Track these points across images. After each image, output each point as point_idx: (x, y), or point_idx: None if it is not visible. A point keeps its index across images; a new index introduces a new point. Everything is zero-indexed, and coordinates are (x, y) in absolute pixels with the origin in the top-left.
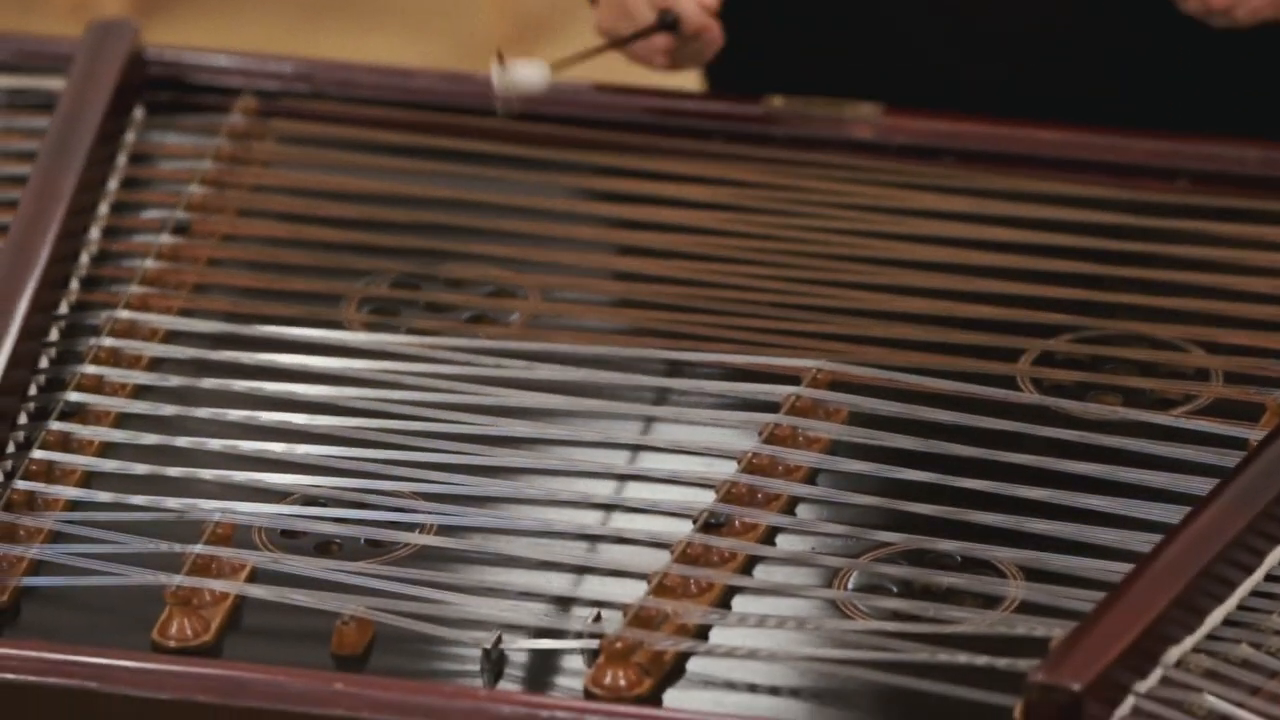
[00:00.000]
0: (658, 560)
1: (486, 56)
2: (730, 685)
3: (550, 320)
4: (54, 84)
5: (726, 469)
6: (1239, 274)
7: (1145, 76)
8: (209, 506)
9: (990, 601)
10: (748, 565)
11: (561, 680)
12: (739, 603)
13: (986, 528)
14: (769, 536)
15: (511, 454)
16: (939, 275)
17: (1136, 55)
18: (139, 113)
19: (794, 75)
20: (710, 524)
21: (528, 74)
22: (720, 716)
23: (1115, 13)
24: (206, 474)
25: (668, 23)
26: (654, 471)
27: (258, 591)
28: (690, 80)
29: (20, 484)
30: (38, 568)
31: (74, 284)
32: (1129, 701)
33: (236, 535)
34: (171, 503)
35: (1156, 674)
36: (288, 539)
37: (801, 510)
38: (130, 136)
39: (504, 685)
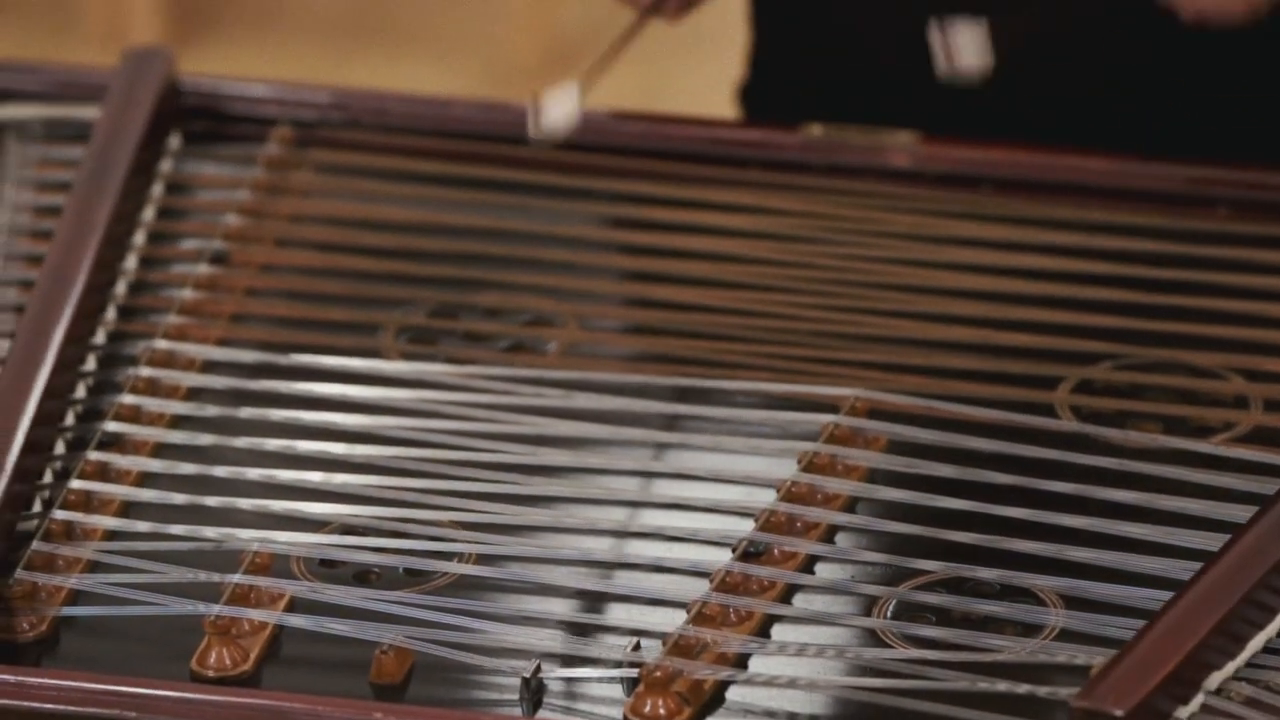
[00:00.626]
0: (697, 588)
1: (519, 83)
2: (770, 714)
3: (588, 349)
4: (89, 113)
5: (765, 497)
6: (1278, 301)
7: (1145, 96)
8: (247, 536)
9: (1030, 629)
10: (787, 594)
11: (601, 709)
12: (778, 631)
13: (1026, 556)
14: (808, 565)
15: (550, 483)
16: (977, 303)
17: (1135, 76)
18: (175, 142)
19: (829, 104)
20: (749, 552)
21: (559, 112)
22: None
23: (1113, 33)
24: (244, 503)
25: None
26: (693, 500)
27: (296, 621)
28: (726, 109)
29: (59, 514)
30: (76, 597)
31: (111, 314)
32: None
33: (275, 565)
34: (210, 532)
35: (1198, 700)
36: (326, 568)
37: (840, 539)
38: (166, 166)
39: (543, 714)
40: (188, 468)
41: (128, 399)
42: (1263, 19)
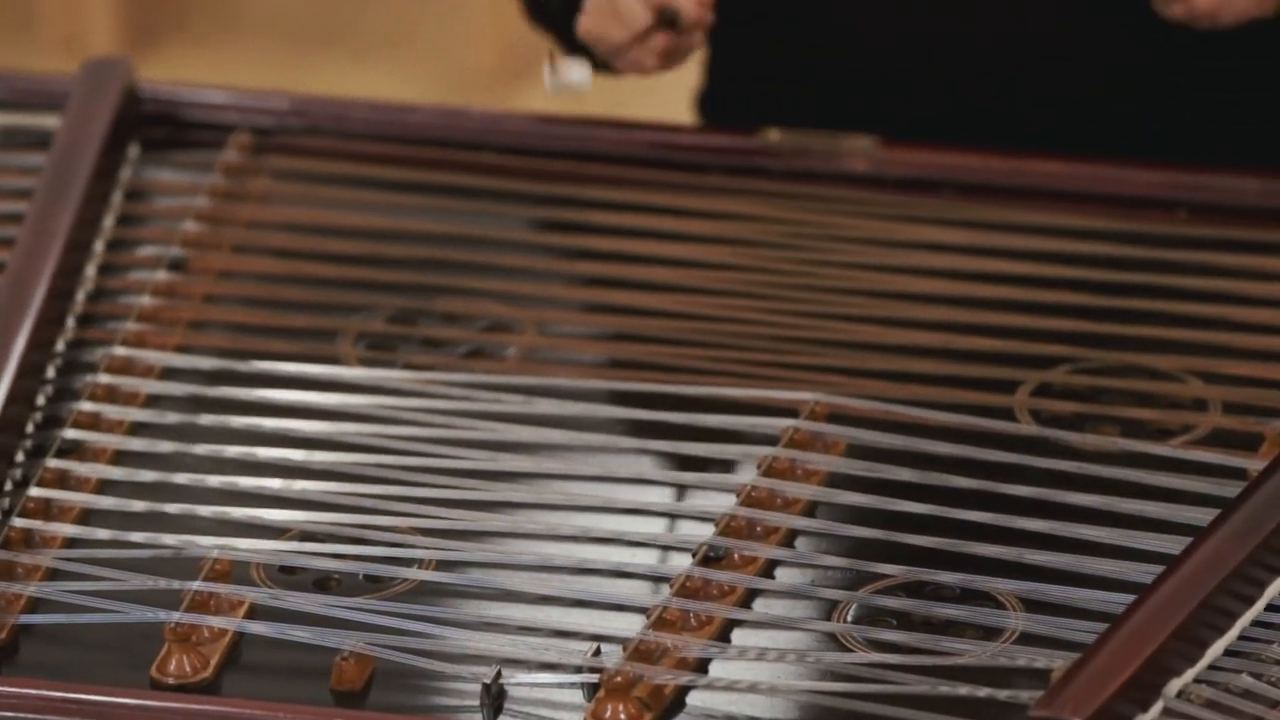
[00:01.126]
0: (657, 594)
1: (478, 89)
2: (730, 719)
3: (547, 354)
4: (49, 121)
5: (725, 502)
6: (1237, 305)
7: (1143, 96)
8: (207, 543)
9: (990, 633)
10: (747, 598)
11: (561, 715)
12: (739, 636)
13: (986, 559)
14: (768, 569)
15: (509, 489)
16: (937, 308)
17: (1134, 76)
18: (134, 149)
19: (787, 108)
20: (709, 557)
21: (576, 75)
22: None
23: (1111, 34)
24: (204, 510)
25: (667, 19)
26: (653, 505)
27: (257, 628)
28: (685, 117)
29: (18, 521)
30: (36, 605)
31: (70, 321)
32: None
33: (235, 571)
34: (169, 539)
35: (1158, 706)
36: (286, 575)
37: (800, 543)
38: (126, 173)
39: None
40: (147, 475)
41: (87, 406)
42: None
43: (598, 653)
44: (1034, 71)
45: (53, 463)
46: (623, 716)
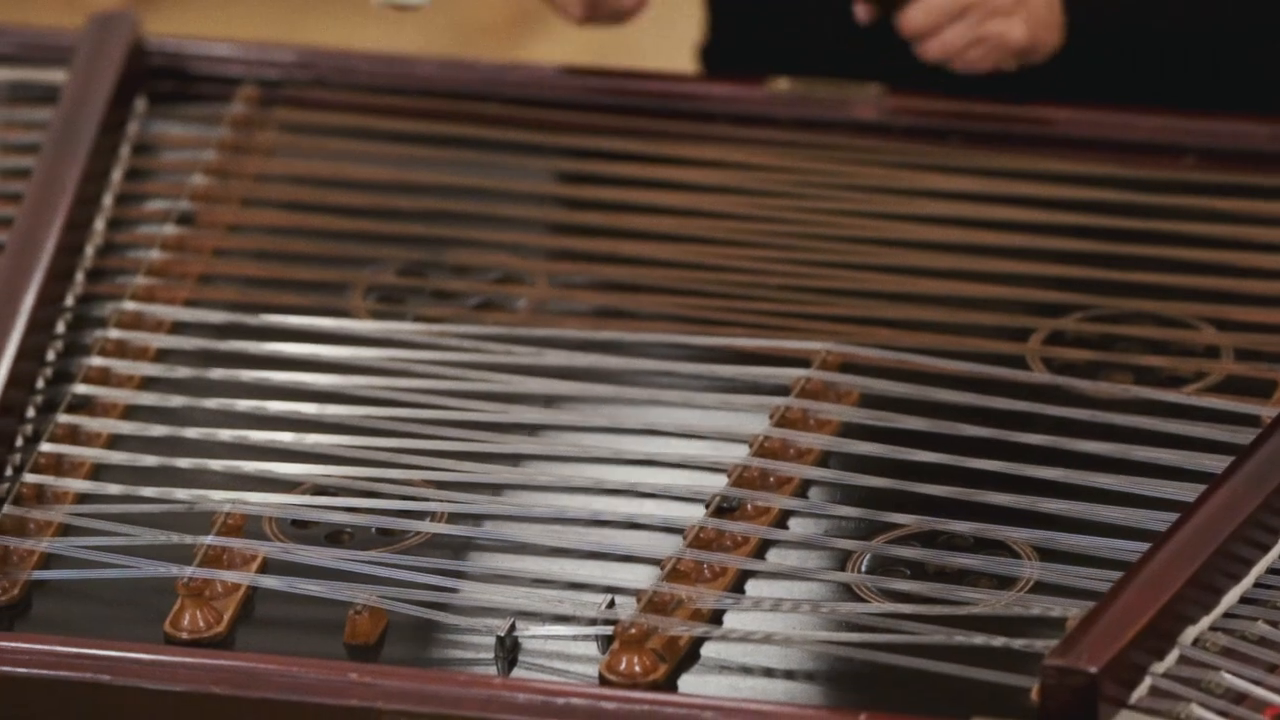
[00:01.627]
0: (670, 545)
1: (484, 41)
2: (745, 670)
3: (558, 305)
4: (55, 76)
5: (738, 453)
6: (1247, 250)
7: (1151, 42)
8: (219, 497)
9: (1005, 582)
10: (761, 549)
11: (576, 667)
12: (752, 587)
13: (999, 508)
14: (781, 520)
15: (521, 441)
16: (946, 256)
17: (1142, 17)
18: (141, 103)
19: (790, 59)
20: (722, 508)
21: None
22: (736, 701)
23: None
24: (216, 465)
25: None
26: (665, 456)
27: (270, 582)
28: (686, 65)
29: (29, 477)
30: (48, 561)
31: (79, 276)
32: (1146, 682)
33: (247, 526)
34: (181, 494)
35: (1174, 654)
36: (299, 529)
37: (814, 493)
38: (133, 127)
39: (518, 673)
40: (158, 429)
41: (97, 361)
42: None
43: (612, 605)
44: None
45: (63, 418)
46: (637, 668)
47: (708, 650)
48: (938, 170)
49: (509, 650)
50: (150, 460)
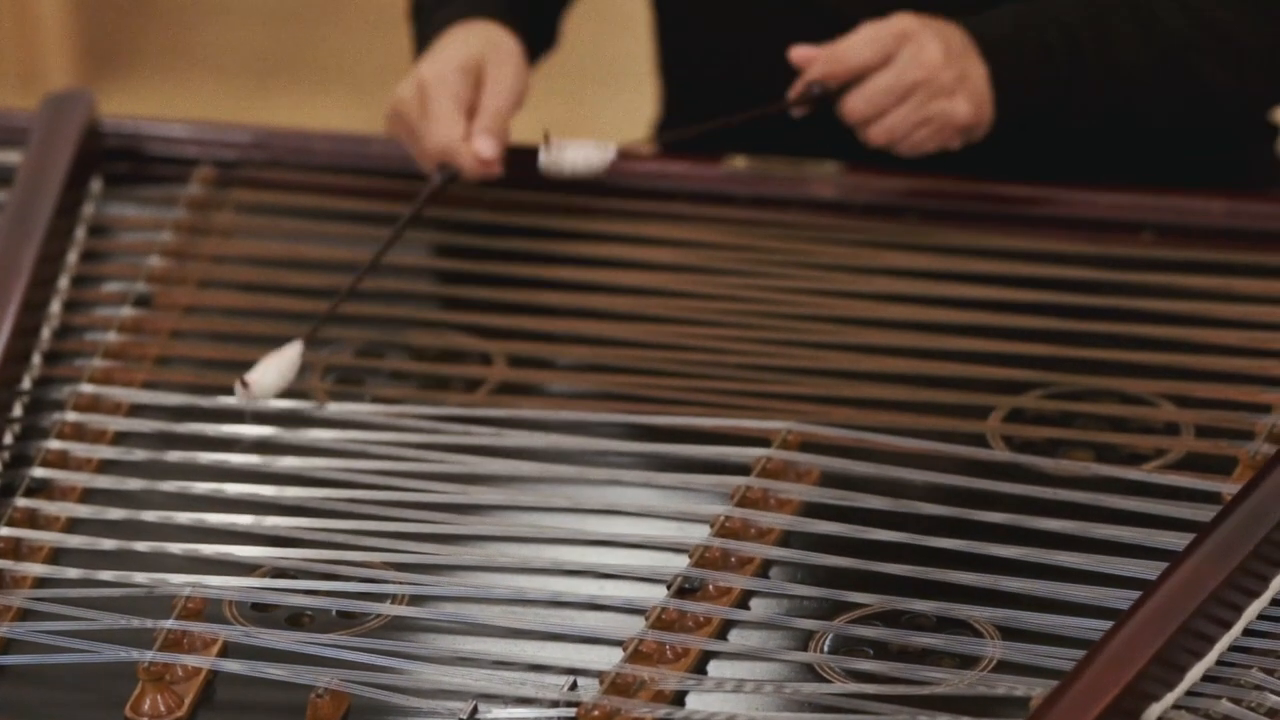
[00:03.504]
0: (632, 626)
1: None
2: None
3: (517, 386)
4: (9, 157)
5: (699, 533)
6: (1207, 326)
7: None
8: (178, 581)
9: (968, 661)
10: (723, 629)
11: None
12: (715, 667)
13: (961, 587)
14: (743, 600)
15: (481, 522)
16: (906, 334)
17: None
18: (97, 184)
19: (743, 137)
20: (684, 589)
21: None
22: None
23: None
24: (175, 548)
25: (449, 175)
26: (626, 537)
27: (231, 665)
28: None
29: None
30: (7, 646)
31: (36, 358)
32: None
33: (207, 609)
34: (140, 578)
35: None
36: (259, 612)
37: (775, 573)
38: (89, 209)
39: None
40: (116, 513)
41: (54, 444)
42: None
43: (574, 686)
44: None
45: (21, 502)
46: None
47: None
48: (896, 248)
49: None
50: (109, 544)
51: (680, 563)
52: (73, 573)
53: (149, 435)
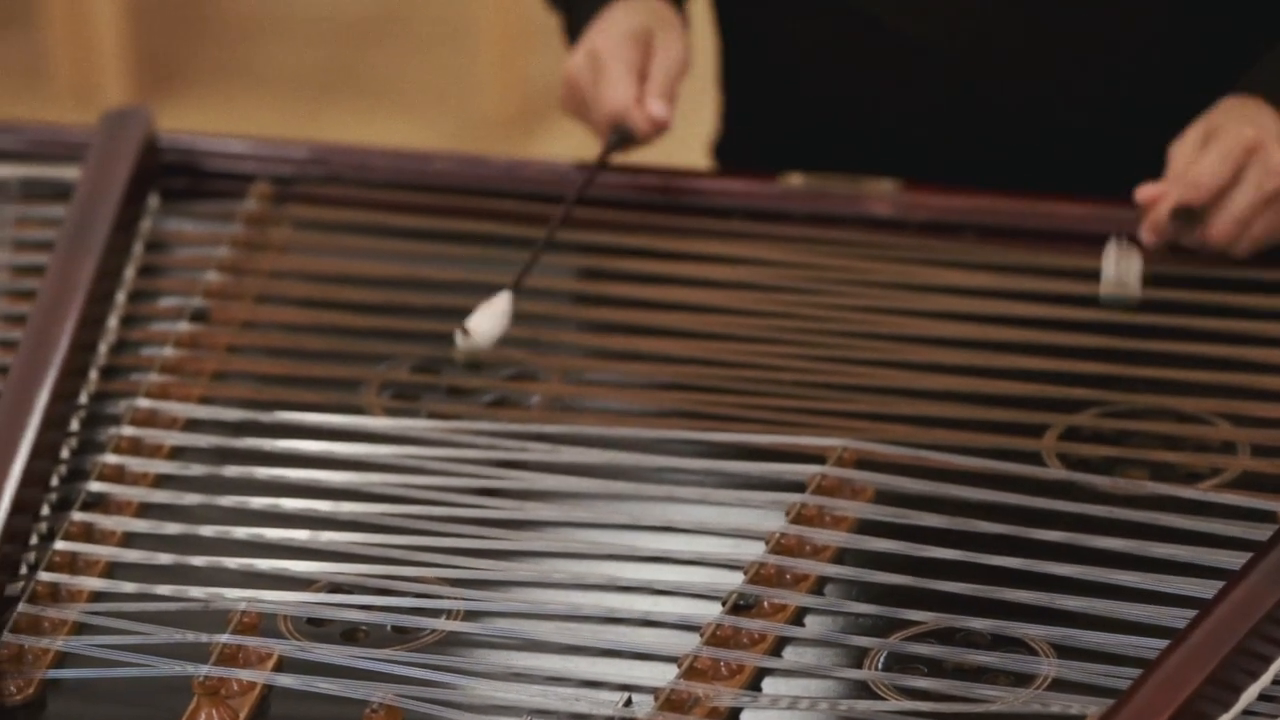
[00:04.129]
0: (687, 643)
1: (491, 135)
2: None
3: (572, 403)
4: (68, 173)
5: (754, 550)
6: (1264, 345)
7: (1164, 133)
8: (234, 595)
9: (1022, 680)
10: (777, 646)
11: None
12: (770, 684)
13: (1017, 605)
14: (798, 617)
15: (537, 538)
16: (962, 352)
17: (1153, 115)
18: (154, 200)
19: (803, 154)
20: (739, 605)
21: (488, 324)
22: None
23: (1131, 73)
24: (231, 563)
25: (621, 135)
26: (681, 553)
27: (285, 680)
28: (699, 161)
29: (44, 576)
30: (63, 660)
31: (94, 374)
32: None
33: (263, 624)
34: (196, 592)
35: None
36: (314, 627)
37: (830, 590)
38: (146, 224)
39: None
40: (173, 527)
41: (111, 459)
42: None
43: (629, 703)
44: (1049, 113)
45: (78, 516)
46: None
47: None
48: (953, 266)
49: None
50: (165, 558)
51: (735, 579)
52: (129, 587)
53: (205, 450)
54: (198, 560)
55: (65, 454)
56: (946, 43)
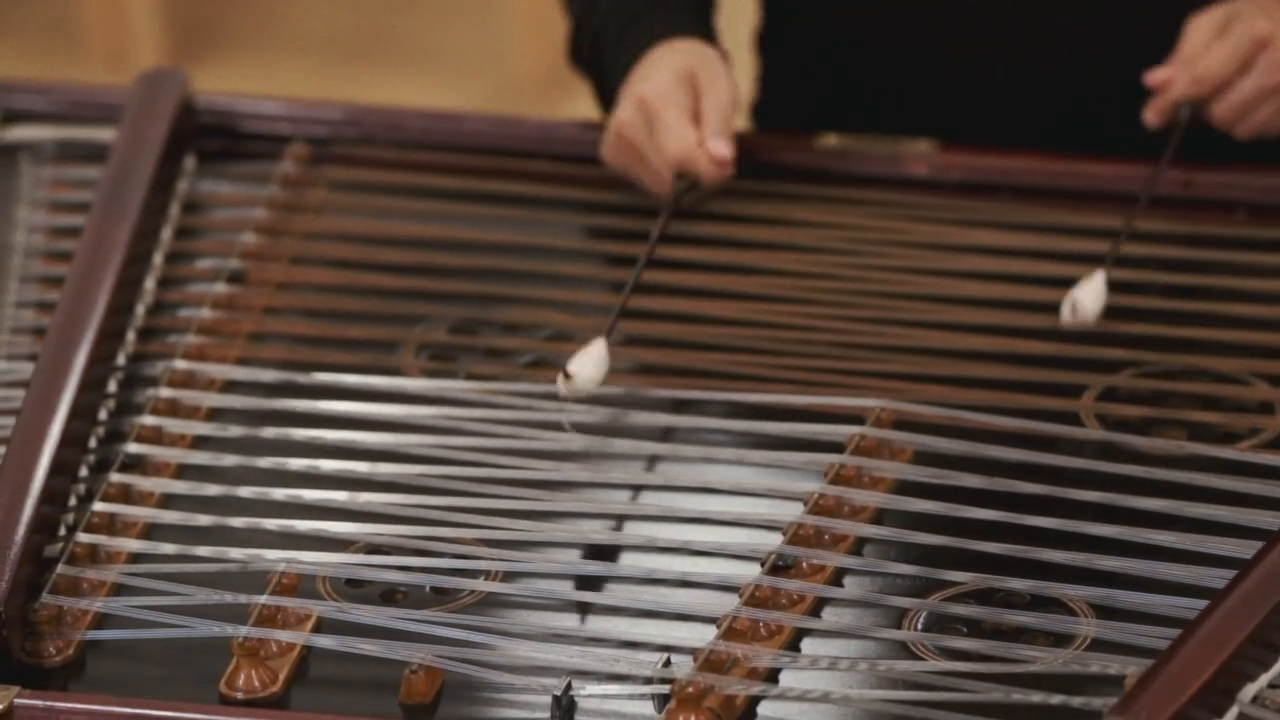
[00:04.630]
0: (726, 603)
1: (523, 98)
2: None
3: (610, 364)
4: (104, 134)
5: (793, 510)
6: None
7: None
8: (273, 556)
9: (1062, 640)
10: (817, 607)
11: None
12: (809, 645)
13: (1055, 565)
14: (837, 578)
15: (574, 499)
16: (999, 312)
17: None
18: (190, 161)
19: (840, 116)
20: (778, 566)
21: (589, 370)
22: None
23: (1166, 34)
24: (269, 524)
25: (689, 185)
26: (719, 514)
27: (324, 641)
28: (739, 120)
29: (83, 537)
30: (102, 621)
31: (131, 335)
32: None
33: (301, 585)
34: (235, 554)
35: (1233, 712)
36: (353, 588)
37: (869, 550)
38: (182, 186)
39: None
40: (211, 489)
41: (149, 420)
42: None
43: (668, 663)
44: (1086, 73)
45: (116, 477)
46: None
47: (764, 709)
48: (990, 226)
49: (565, 709)
50: (203, 519)
51: (774, 540)
52: (168, 548)
53: (243, 411)
54: (236, 521)
55: (103, 415)
56: (980, 4)
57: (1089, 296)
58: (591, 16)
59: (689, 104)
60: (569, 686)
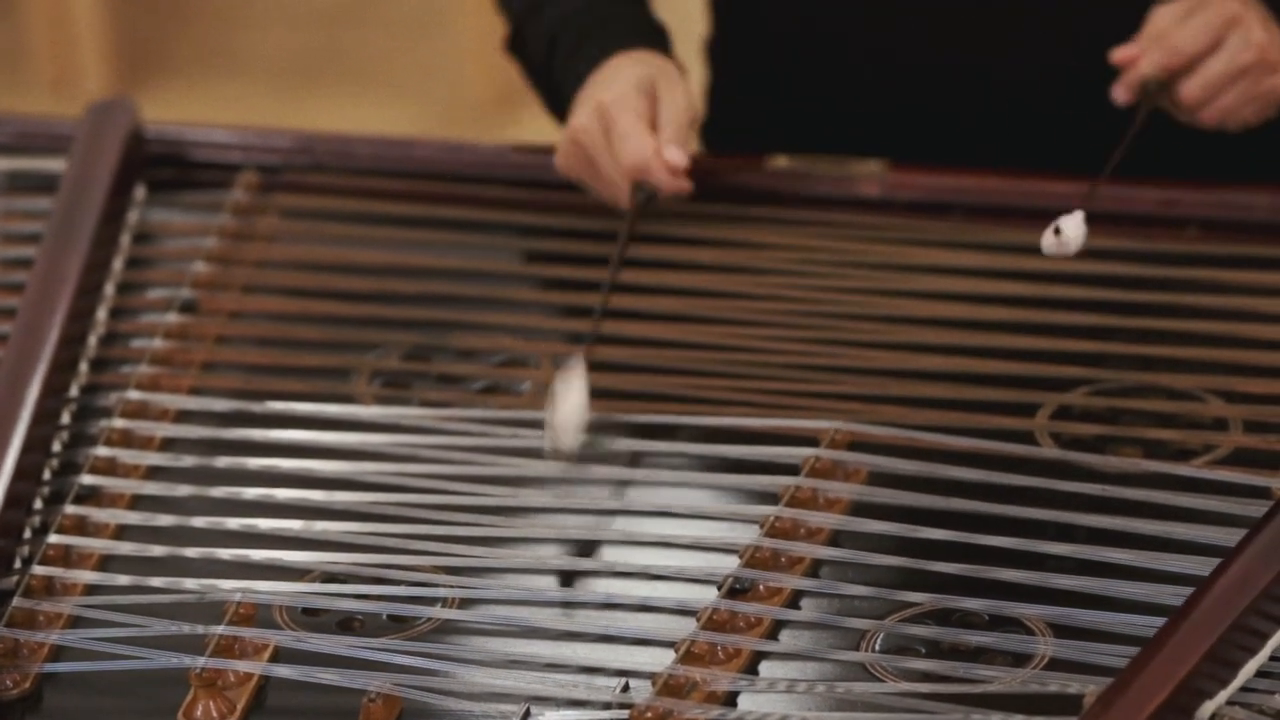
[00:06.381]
0: (684, 627)
1: (474, 121)
2: None
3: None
4: (53, 165)
5: (749, 533)
6: (1253, 322)
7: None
8: (229, 586)
9: (1020, 659)
10: (774, 630)
11: None
12: (766, 668)
13: (1012, 585)
14: (794, 600)
15: (530, 524)
16: (952, 331)
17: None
18: (140, 191)
19: (789, 136)
20: (735, 589)
21: (573, 419)
22: None
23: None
24: (225, 554)
25: (644, 195)
26: (677, 538)
27: (282, 671)
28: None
29: (38, 569)
30: (59, 653)
31: (83, 366)
32: None
33: (258, 615)
34: (191, 584)
35: None
36: (309, 617)
37: (825, 572)
38: (133, 215)
39: None
40: (166, 519)
41: (103, 451)
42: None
43: (626, 688)
44: (1037, 91)
45: (71, 509)
46: None
47: None
48: (942, 245)
49: None
50: (158, 550)
51: (731, 563)
52: (123, 579)
53: (197, 441)
54: (191, 552)
55: (57, 447)
56: (931, 23)
57: (1072, 226)
58: (544, 14)
59: (647, 112)
60: (527, 713)
